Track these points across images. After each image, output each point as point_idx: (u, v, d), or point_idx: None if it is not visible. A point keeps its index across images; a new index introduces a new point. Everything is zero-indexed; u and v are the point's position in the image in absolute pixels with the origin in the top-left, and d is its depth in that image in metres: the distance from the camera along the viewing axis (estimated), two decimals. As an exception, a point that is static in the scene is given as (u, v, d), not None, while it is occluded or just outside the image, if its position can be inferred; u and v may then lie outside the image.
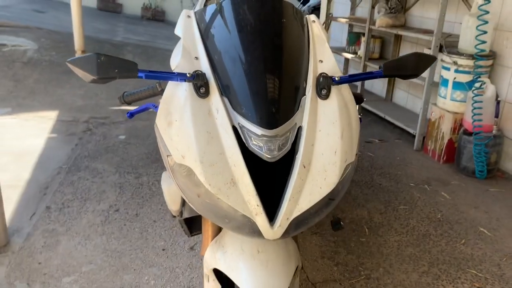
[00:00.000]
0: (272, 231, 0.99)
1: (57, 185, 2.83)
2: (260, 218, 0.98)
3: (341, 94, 1.16)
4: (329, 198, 1.04)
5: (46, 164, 3.10)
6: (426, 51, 3.57)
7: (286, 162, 1.04)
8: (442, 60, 3.32)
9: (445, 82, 3.31)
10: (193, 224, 1.52)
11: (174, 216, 1.52)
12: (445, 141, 3.36)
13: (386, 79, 4.63)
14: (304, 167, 1.02)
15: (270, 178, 1.02)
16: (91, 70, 0.98)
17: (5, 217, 2.22)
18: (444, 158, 3.40)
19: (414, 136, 3.71)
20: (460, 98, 3.22)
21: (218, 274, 1.22)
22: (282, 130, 1.04)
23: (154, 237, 2.36)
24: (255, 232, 1.00)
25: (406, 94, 4.37)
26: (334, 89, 1.14)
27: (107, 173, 3.03)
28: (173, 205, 1.38)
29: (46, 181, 2.89)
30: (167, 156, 1.06)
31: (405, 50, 4.38)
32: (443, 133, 3.37)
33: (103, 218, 2.51)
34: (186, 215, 1.37)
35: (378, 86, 4.86)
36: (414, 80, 3.69)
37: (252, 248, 1.15)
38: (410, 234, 2.49)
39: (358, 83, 4.53)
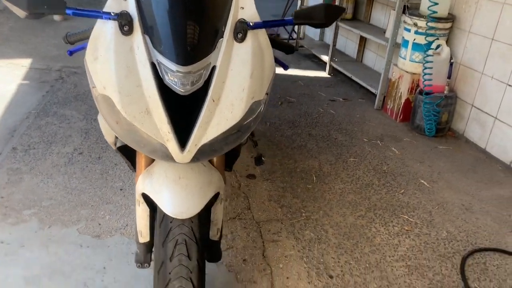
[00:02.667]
0: (182, 156, 1.13)
1: (25, 129, 2.95)
2: (171, 144, 1.13)
3: (257, 39, 1.28)
4: (237, 130, 1.19)
5: (16, 109, 3.20)
6: (392, 12, 3.66)
7: (199, 97, 1.17)
8: (404, 22, 3.43)
9: (405, 43, 3.43)
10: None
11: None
12: (403, 100, 3.51)
13: (358, 41, 4.73)
14: (213, 101, 1.16)
15: (184, 110, 1.16)
16: (21, 6, 1.09)
17: (-30, 154, 2.34)
18: (401, 117, 3.57)
19: (376, 96, 3.86)
20: (419, 59, 3.35)
21: (147, 199, 1.38)
22: (195, 68, 1.16)
23: (113, 178, 2.52)
24: (167, 156, 1.15)
25: (375, 55, 4.48)
26: (250, 34, 1.26)
27: (74, 119, 3.15)
28: (108, 136, 1.53)
29: (14, 124, 3.00)
30: (93, 87, 1.18)
31: (377, 11, 4.46)
32: (401, 93, 3.52)
33: (66, 159, 2.65)
34: (118, 144, 1.51)
35: (350, 47, 4.96)
36: (382, 41, 3.80)
37: (175, 174, 1.30)
38: (354, 183, 2.68)
39: (330, 44, 4.62)
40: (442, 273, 2.01)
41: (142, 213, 1.38)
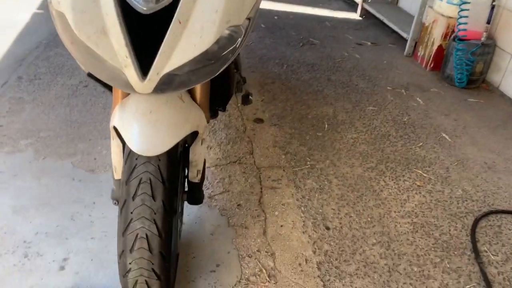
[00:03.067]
0: (142, 85, 1.00)
1: (33, 58, 2.88)
2: (129, 70, 1.00)
3: None
4: (207, 59, 1.04)
5: (27, 38, 3.13)
6: None
7: (166, 18, 1.02)
8: (445, -42, 3.06)
9: (444, -18, 3.08)
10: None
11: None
12: (435, 47, 3.22)
13: (395, -20, 4.33)
14: (180, 23, 1.01)
15: (148, 33, 1.02)
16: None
17: (-30, 80, 2.30)
18: (431, 66, 3.29)
19: (407, 41, 3.56)
20: (457, 1, 3.01)
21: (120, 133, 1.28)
22: None
23: (116, 113, 2.44)
24: (127, 85, 1.02)
25: (412, -3, 4.11)
26: None
27: (84, 51, 3.05)
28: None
29: (23, 53, 2.94)
30: (49, 3, 1.05)
31: None
32: (434, 39, 3.22)
33: (70, 91, 2.58)
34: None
35: (387, -13, 4.56)
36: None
37: (146, 108, 1.18)
38: (369, 133, 2.50)
39: (364, -17, 4.25)
40: (450, 233, 1.86)
41: (115, 148, 1.29)
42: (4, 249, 1.62)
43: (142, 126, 1.16)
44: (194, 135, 1.32)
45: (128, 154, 1.17)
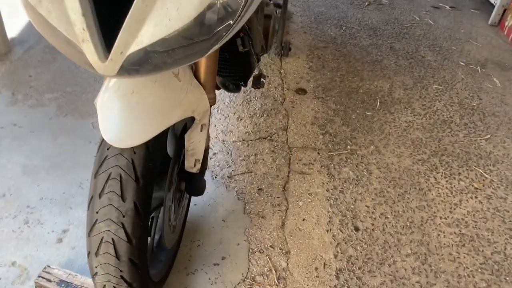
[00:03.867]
0: (103, 65, 0.80)
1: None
2: (87, 46, 0.79)
3: None
4: (188, 38, 0.80)
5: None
6: None
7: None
8: None
9: None
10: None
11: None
12: (527, 17, 2.69)
13: None
14: None
15: (116, 4, 0.79)
16: None
17: (4, 27, 2.22)
18: (520, 39, 2.78)
19: (494, 7, 3.02)
20: None
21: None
22: None
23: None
24: (86, 63, 0.82)
25: (510, -47, 3.47)
26: None
27: None
28: None
29: None
30: None
31: None
32: (528, 7, 2.69)
33: (106, 43, 2.45)
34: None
35: None
36: None
37: (128, 86, 0.99)
38: (427, 117, 2.15)
39: None
40: (505, 253, 1.56)
41: None
42: (6, 212, 1.56)
43: (119, 109, 0.97)
44: (190, 121, 1.11)
45: (101, 142, 0.99)
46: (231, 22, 0.84)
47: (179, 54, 0.82)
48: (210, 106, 1.19)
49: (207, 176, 1.74)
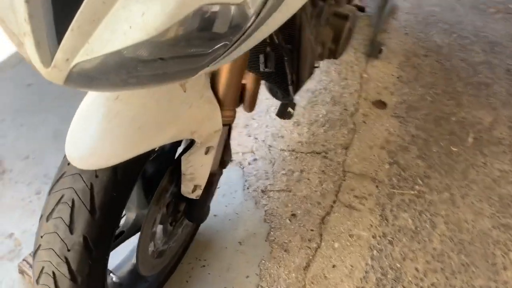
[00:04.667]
0: (47, 72, 0.59)
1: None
2: (28, 44, 0.58)
3: None
4: (150, 54, 0.56)
5: None
6: None
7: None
8: None
9: None
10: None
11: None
12: None
13: None
14: None
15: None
16: None
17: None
18: None
19: None
20: None
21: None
22: None
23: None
24: (36, 68, 0.62)
25: None
26: None
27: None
28: None
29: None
30: None
31: None
32: None
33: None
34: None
35: None
36: None
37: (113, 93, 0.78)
38: (531, 170, 1.71)
39: None
40: None
41: None
42: (22, 177, 1.48)
43: (95, 117, 0.77)
44: (190, 143, 0.89)
45: (65, 155, 0.80)
46: (227, 43, 0.58)
47: (143, 74, 0.58)
48: (227, 125, 0.95)
49: (238, 182, 1.52)
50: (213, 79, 0.90)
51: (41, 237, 0.77)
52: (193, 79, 0.85)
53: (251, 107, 1.24)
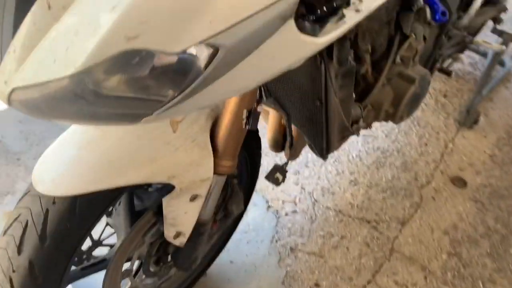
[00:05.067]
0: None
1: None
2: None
3: None
4: (74, 93, 0.49)
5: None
6: None
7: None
8: None
9: None
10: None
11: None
12: None
13: None
14: (49, 8, 0.49)
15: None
16: None
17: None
18: None
19: None
20: None
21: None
22: None
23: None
24: None
25: None
26: None
27: None
28: None
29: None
30: None
31: None
32: None
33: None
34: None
35: None
36: None
37: None
38: None
39: None
40: None
41: None
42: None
43: (68, 143, 0.74)
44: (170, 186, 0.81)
45: None
46: (163, 99, 0.50)
47: (72, 112, 0.53)
48: (224, 175, 0.86)
49: (268, 231, 1.42)
50: (215, 124, 0.82)
51: (-6, 248, 0.76)
52: (188, 121, 0.79)
53: (292, 155, 1.14)
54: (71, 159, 0.72)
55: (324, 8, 0.61)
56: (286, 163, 1.07)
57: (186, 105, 0.52)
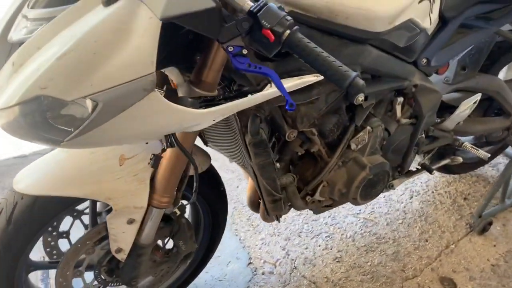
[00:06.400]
0: None
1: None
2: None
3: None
4: (13, 121, 0.76)
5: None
6: None
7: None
8: None
9: None
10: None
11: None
12: None
13: None
14: (13, 65, 0.77)
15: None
16: None
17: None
18: None
19: None
20: None
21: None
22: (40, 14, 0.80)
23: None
24: None
25: None
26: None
27: None
28: None
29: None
30: None
31: None
32: None
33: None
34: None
35: None
36: None
37: None
38: None
39: None
40: None
41: None
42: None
43: (49, 154, 1.03)
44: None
45: None
46: (66, 131, 0.75)
47: (16, 132, 0.79)
48: (161, 208, 1.08)
49: (240, 284, 1.55)
50: (161, 164, 1.05)
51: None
52: (136, 160, 1.04)
53: (265, 218, 1.31)
54: (42, 169, 1.00)
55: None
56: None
57: (83, 140, 0.76)
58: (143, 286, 1.32)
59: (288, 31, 0.74)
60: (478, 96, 1.46)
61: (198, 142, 1.20)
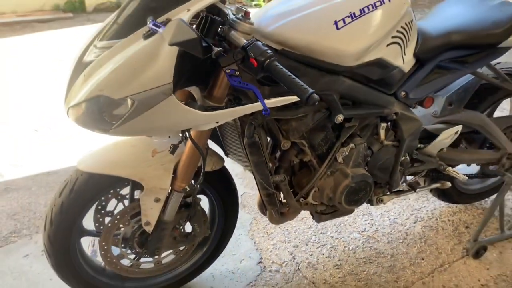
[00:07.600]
0: (66, 107, 1.27)
1: None
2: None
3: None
4: (83, 115, 1.15)
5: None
6: None
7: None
8: None
9: None
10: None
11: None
12: None
13: None
14: (84, 76, 1.17)
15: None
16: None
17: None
18: None
19: None
20: None
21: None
22: (106, 44, 1.20)
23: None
24: None
25: None
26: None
27: None
28: None
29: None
30: None
31: None
32: None
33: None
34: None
35: None
36: None
37: None
38: None
39: None
40: None
41: None
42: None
43: (105, 144, 1.42)
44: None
45: None
46: (106, 128, 1.14)
47: (84, 123, 1.19)
48: (180, 192, 1.42)
49: (248, 277, 1.82)
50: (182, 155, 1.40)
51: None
52: (165, 153, 1.39)
53: (277, 220, 1.62)
54: (97, 154, 1.39)
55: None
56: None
57: (123, 129, 1.14)
58: (168, 264, 1.64)
59: (268, 60, 1.08)
60: (459, 127, 1.70)
61: (218, 149, 1.55)
